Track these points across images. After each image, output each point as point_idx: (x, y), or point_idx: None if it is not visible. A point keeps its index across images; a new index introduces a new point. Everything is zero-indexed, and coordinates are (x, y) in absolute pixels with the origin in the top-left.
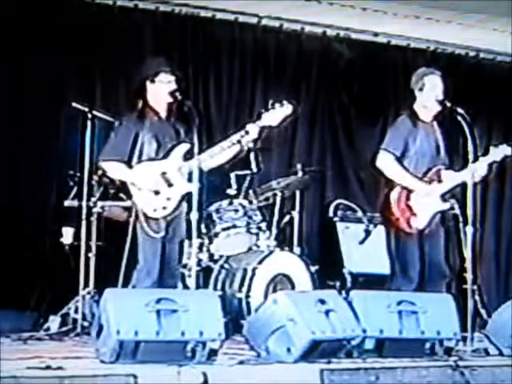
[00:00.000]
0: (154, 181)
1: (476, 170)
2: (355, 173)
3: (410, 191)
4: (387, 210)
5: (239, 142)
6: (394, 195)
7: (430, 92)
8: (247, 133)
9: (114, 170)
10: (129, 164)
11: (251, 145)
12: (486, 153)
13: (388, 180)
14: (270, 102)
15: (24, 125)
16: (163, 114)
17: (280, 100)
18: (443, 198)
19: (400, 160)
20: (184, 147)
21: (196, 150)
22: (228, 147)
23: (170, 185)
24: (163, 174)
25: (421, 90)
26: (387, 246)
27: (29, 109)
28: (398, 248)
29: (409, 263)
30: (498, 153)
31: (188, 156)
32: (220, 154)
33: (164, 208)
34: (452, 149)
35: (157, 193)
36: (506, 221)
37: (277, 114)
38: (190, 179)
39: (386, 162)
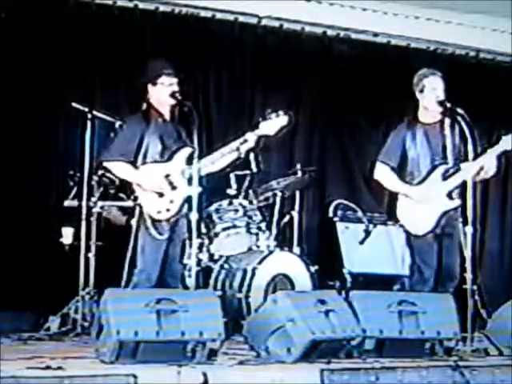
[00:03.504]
0: (159, 183)
1: (485, 163)
2: (361, 173)
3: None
4: (395, 215)
5: (238, 149)
6: (398, 201)
7: (430, 93)
8: (246, 141)
9: (121, 170)
10: (134, 165)
11: (250, 152)
12: (492, 145)
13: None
14: (267, 111)
15: (24, 125)
16: (167, 116)
17: (276, 110)
18: (450, 196)
19: (398, 168)
20: (187, 151)
21: (196, 152)
22: (228, 153)
23: (173, 187)
24: (167, 176)
25: (421, 91)
26: (408, 246)
27: (29, 109)
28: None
29: (422, 265)
30: (508, 141)
31: (190, 160)
32: (220, 159)
33: (168, 210)
34: (455, 148)
35: (161, 195)
36: (509, 219)
37: (273, 124)
38: (191, 183)
39: (382, 174)
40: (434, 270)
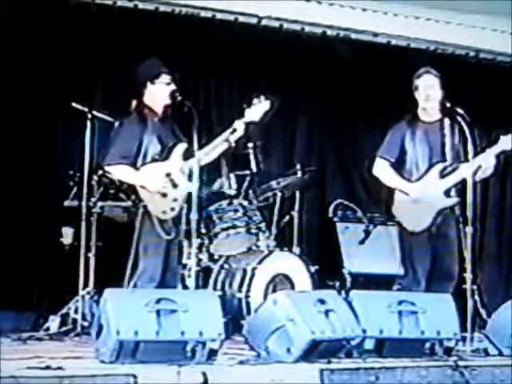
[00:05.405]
0: (162, 182)
1: (483, 162)
2: (358, 173)
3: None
4: (390, 211)
5: (228, 139)
6: (395, 197)
7: (424, 91)
8: (235, 130)
9: (122, 173)
10: (134, 166)
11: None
12: (491, 144)
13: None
14: (252, 97)
15: (24, 125)
16: (163, 115)
17: (258, 95)
18: (447, 194)
19: (396, 165)
20: (182, 147)
21: (196, 149)
22: (220, 144)
23: (174, 186)
24: (168, 175)
25: (416, 90)
26: (400, 246)
27: (29, 109)
28: (404, 248)
29: (416, 264)
30: (507, 141)
31: (186, 155)
32: (213, 151)
33: (172, 209)
34: (454, 147)
35: (164, 195)
36: (509, 219)
37: (256, 110)
38: (190, 178)
39: (381, 170)
40: (426, 269)
